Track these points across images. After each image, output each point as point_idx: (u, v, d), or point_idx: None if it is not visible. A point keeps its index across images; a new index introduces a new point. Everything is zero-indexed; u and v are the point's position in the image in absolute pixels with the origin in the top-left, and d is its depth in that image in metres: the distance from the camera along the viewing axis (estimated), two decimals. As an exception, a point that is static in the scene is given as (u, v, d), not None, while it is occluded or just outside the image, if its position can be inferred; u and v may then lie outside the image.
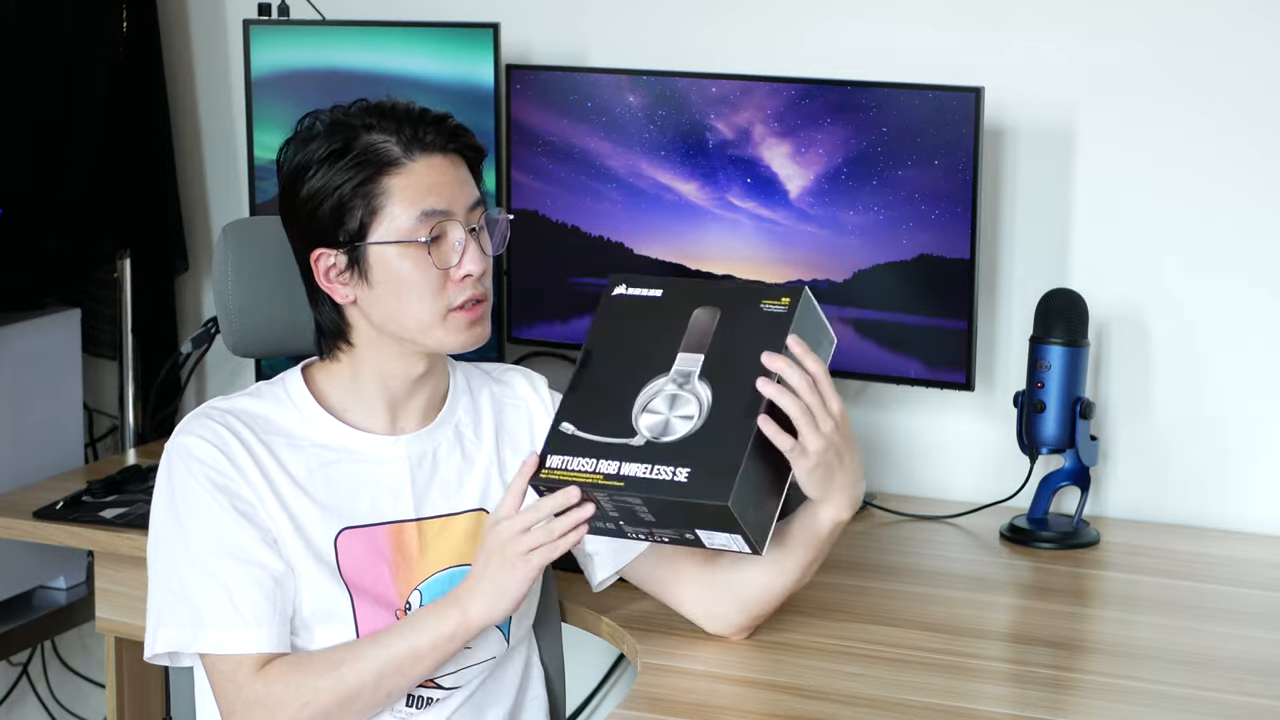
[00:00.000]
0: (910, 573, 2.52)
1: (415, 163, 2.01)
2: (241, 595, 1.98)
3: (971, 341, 2.64)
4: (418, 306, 2.02)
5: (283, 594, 2.01)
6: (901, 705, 2.04)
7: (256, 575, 1.99)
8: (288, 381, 2.11)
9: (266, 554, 2.00)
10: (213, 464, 2.01)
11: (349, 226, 2.01)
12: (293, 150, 2.05)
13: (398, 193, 2.00)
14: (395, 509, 2.08)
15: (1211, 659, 2.19)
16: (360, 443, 2.08)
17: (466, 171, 2.07)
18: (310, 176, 2.02)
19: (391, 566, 2.06)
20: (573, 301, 2.85)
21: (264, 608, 1.99)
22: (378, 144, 2.01)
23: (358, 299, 2.04)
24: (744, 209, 2.73)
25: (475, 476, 2.13)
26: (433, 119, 2.04)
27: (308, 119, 2.06)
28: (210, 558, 1.99)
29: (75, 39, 3.09)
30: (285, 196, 2.06)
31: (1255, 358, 2.70)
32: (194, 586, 1.99)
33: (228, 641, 1.98)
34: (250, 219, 2.42)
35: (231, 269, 2.28)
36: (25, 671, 3.43)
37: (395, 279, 2.01)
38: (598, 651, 3.06)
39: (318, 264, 2.04)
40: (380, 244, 2.00)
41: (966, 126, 2.58)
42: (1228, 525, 2.70)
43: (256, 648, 1.98)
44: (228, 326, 2.31)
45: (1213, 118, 2.67)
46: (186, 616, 1.99)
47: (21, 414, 3.08)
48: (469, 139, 2.07)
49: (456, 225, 2.02)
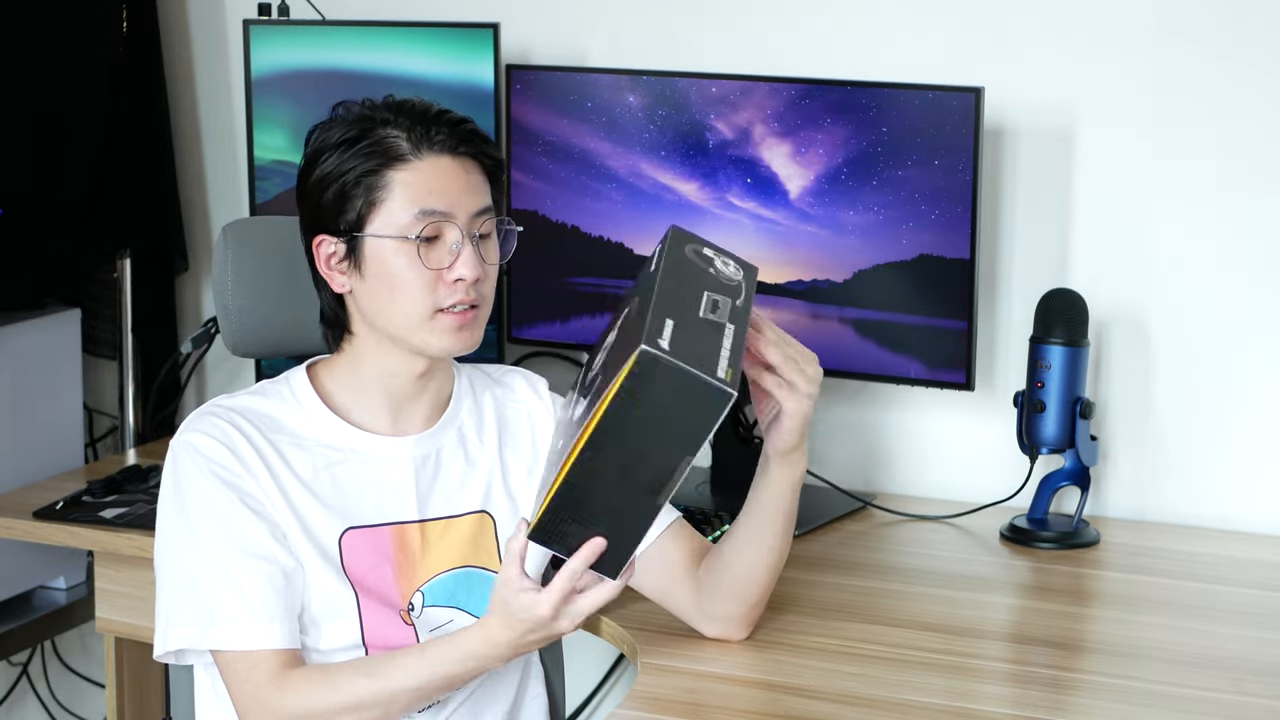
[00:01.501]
0: (910, 573, 2.51)
1: (422, 160, 2.01)
2: (252, 590, 1.98)
3: (971, 341, 2.64)
4: (406, 303, 2.02)
5: (292, 590, 2.01)
6: (901, 705, 2.04)
7: (267, 570, 1.99)
8: (292, 381, 2.11)
9: (276, 548, 2.00)
10: (219, 460, 2.01)
11: (349, 215, 2.01)
12: (317, 135, 2.07)
13: (399, 188, 2.01)
14: (399, 510, 2.08)
15: (1211, 659, 2.19)
16: (365, 443, 2.08)
17: (480, 177, 2.06)
18: (322, 161, 2.03)
19: (395, 567, 2.07)
20: (572, 301, 2.85)
21: (275, 603, 1.99)
22: (389, 137, 2.02)
23: (353, 289, 2.05)
24: (744, 209, 2.73)
25: (478, 479, 2.14)
26: (449, 120, 2.05)
27: (340, 108, 2.08)
28: (220, 553, 1.99)
29: (75, 39, 3.09)
30: (299, 180, 2.08)
31: (1255, 357, 2.70)
32: (204, 583, 1.99)
33: (240, 638, 1.98)
34: (250, 219, 2.43)
35: (231, 269, 2.28)
36: (25, 671, 3.43)
37: (387, 274, 2.01)
38: (598, 651, 3.06)
39: (319, 250, 2.05)
40: (376, 237, 2.01)
41: (966, 126, 2.58)
42: (1227, 525, 2.70)
43: (269, 643, 1.98)
44: (227, 326, 2.31)
45: (1213, 118, 2.67)
46: (197, 614, 1.99)
47: (21, 414, 3.08)
48: (485, 146, 2.07)
49: (454, 228, 2.02)
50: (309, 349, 2.21)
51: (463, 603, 2.11)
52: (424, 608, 2.08)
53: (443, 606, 2.09)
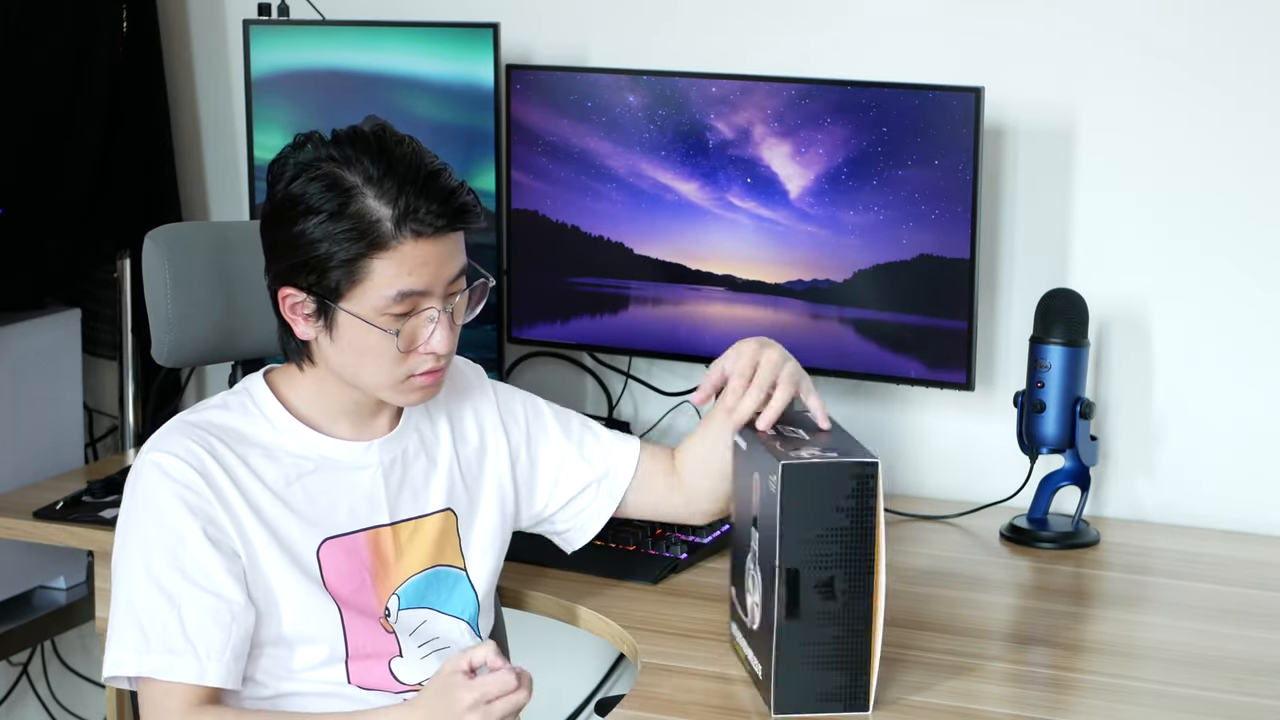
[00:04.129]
0: (910, 573, 2.51)
1: (404, 244, 1.93)
2: (192, 621, 1.93)
3: (971, 341, 2.64)
4: (376, 371, 2.00)
5: (239, 629, 1.96)
6: (902, 705, 2.04)
7: (213, 605, 1.95)
8: (254, 392, 2.07)
9: (229, 585, 1.96)
10: (188, 484, 1.97)
11: (326, 284, 1.96)
12: (289, 173, 1.97)
13: (379, 274, 1.94)
14: (371, 515, 2.07)
15: (1211, 659, 2.20)
16: (335, 450, 2.06)
17: (459, 241, 1.99)
18: (298, 221, 1.95)
19: (371, 573, 2.06)
20: (573, 301, 2.85)
21: (215, 638, 1.94)
22: (371, 216, 1.92)
23: (319, 340, 2.01)
24: (744, 209, 2.73)
25: (440, 477, 2.13)
26: (440, 192, 1.95)
27: (310, 147, 1.98)
28: (167, 579, 1.94)
29: (75, 39, 3.09)
30: (268, 222, 2.01)
31: (1255, 357, 2.70)
32: (143, 608, 1.94)
33: (171, 668, 1.93)
34: (178, 225, 2.37)
35: (170, 277, 2.24)
36: (25, 671, 3.43)
37: (359, 345, 1.98)
38: (598, 651, 3.06)
39: (285, 299, 1.99)
40: (350, 315, 1.96)
41: (966, 126, 2.58)
42: (1228, 525, 2.70)
43: (192, 677, 1.93)
44: (165, 336, 2.26)
45: (1213, 117, 2.67)
46: (133, 639, 1.94)
47: (21, 414, 3.08)
48: (472, 219, 1.98)
49: (431, 305, 1.97)
50: (243, 356, 2.18)
51: (433, 602, 2.10)
52: (399, 611, 2.07)
53: (416, 608, 2.09)
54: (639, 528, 2.48)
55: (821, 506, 1.94)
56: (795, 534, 1.94)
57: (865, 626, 1.97)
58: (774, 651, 1.97)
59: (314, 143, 1.99)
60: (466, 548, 2.14)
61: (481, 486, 2.17)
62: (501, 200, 2.86)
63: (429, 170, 1.96)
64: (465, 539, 2.14)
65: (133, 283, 3.20)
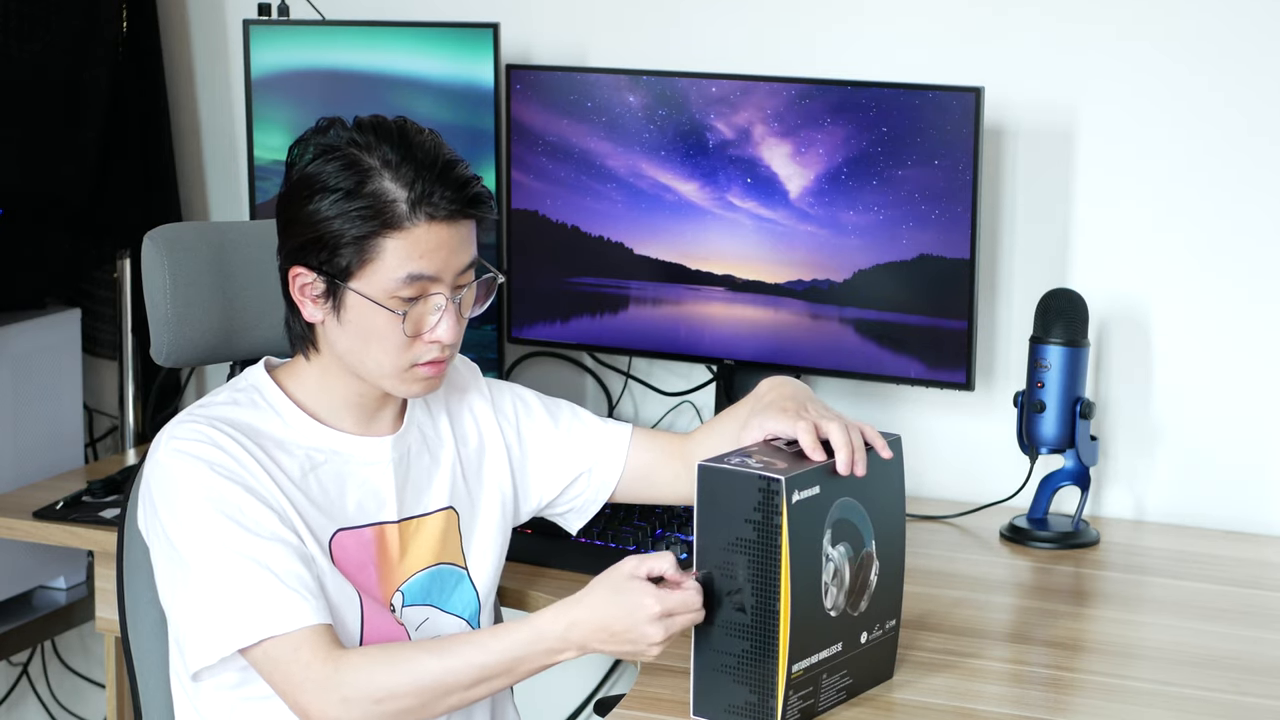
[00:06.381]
0: (910, 573, 2.50)
1: (417, 226, 1.94)
2: (286, 570, 1.92)
3: (971, 341, 2.64)
4: (381, 357, 1.99)
5: (313, 568, 1.96)
6: (902, 705, 2.04)
7: (291, 550, 1.94)
8: (260, 386, 2.07)
9: (289, 533, 1.96)
10: (214, 460, 1.97)
11: (336, 263, 1.96)
12: (310, 155, 1.99)
13: (390, 253, 1.95)
14: (379, 511, 2.07)
15: (1211, 659, 2.20)
16: (346, 444, 2.06)
17: (471, 230, 2.00)
18: (314, 199, 1.96)
19: (377, 568, 2.06)
20: (572, 301, 2.85)
21: (309, 579, 1.94)
22: (387, 197, 1.94)
23: (326, 323, 2.01)
24: (744, 209, 2.73)
25: (442, 476, 2.14)
26: (455, 180, 1.97)
27: (333, 131, 1.99)
28: (242, 544, 1.93)
29: (75, 39, 3.09)
30: (285, 200, 2.02)
31: (1255, 357, 2.70)
32: (231, 580, 1.92)
33: (288, 618, 1.90)
34: (177, 225, 2.37)
35: (169, 277, 2.24)
36: (25, 671, 3.43)
37: (366, 327, 1.98)
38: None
39: (294, 278, 2.00)
40: (359, 294, 1.96)
41: (966, 126, 2.59)
42: (1228, 525, 2.70)
43: (311, 619, 1.91)
44: (164, 336, 2.26)
45: (1213, 117, 2.67)
46: (233, 612, 1.92)
47: (21, 414, 3.08)
48: (485, 209, 2.00)
49: (439, 292, 1.98)
50: (242, 356, 2.18)
51: (435, 600, 2.10)
52: (403, 608, 2.08)
53: (419, 605, 2.09)
54: (639, 528, 2.48)
55: (732, 515, 1.91)
56: (707, 537, 1.93)
57: (772, 648, 1.91)
58: (691, 653, 1.96)
59: (337, 127, 2.00)
60: (468, 546, 2.14)
61: (482, 485, 2.17)
62: (501, 200, 2.86)
63: (447, 159, 1.98)
64: (467, 538, 2.14)
65: (132, 283, 3.20)
